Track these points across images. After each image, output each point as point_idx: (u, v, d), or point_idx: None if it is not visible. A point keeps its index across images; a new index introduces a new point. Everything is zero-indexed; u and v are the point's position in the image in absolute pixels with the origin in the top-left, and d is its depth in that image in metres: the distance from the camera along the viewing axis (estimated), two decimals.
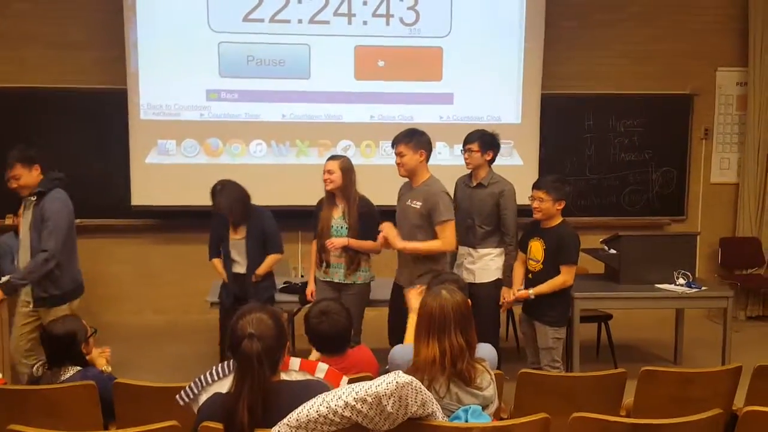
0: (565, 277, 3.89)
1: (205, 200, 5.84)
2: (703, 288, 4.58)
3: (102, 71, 5.85)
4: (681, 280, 4.59)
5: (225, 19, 5.73)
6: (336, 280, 4.14)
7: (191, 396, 2.11)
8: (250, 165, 5.83)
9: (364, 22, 5.83)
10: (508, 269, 4.17)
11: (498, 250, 4.20)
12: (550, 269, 3.91)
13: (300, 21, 5.79)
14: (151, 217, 5.99)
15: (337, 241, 4.06)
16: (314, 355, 2.78)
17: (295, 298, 4.45)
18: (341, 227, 4.10)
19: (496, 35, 5.93)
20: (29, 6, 5.84)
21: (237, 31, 5.75)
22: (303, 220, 4.91)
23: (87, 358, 2.85)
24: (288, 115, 5.85)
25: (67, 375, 2.74)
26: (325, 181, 4.09)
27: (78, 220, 4.07)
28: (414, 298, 3.60)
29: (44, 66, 5.87)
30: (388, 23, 5.84)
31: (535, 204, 3.90)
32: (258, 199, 5.63)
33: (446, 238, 3.82)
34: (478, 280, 4.17)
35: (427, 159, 3.94)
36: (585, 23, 6.26)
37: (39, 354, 3.32)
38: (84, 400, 2.57)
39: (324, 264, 4.16)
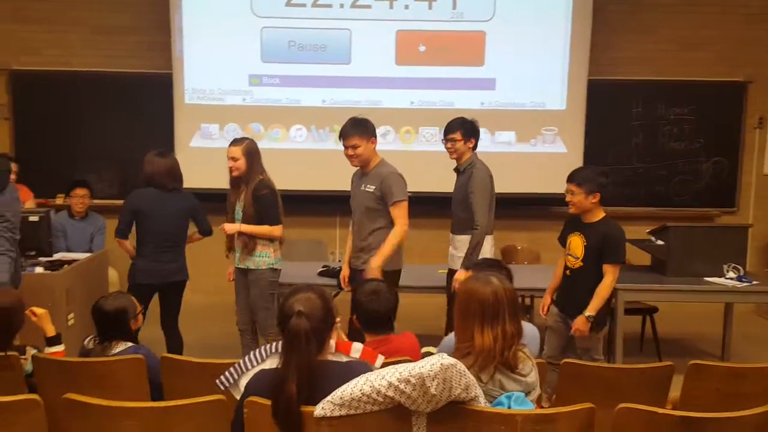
0: (611, 278, 3.63)
1: None
2: (755, 282, 4.41)
3: (148, 56, 5.93)
4: (731, 274, 4.43)
5: (268, 5, 5.74)
6: (241, 266, 4.04)
7: (231, 381, 2.14)
8: (290, 150, 5.84)
9: (406, 7, 5.77)
10: (470, 252, 3.85)
11: (467, 237, 3.96)
12: (590, 268, 3.65)
13: (342, 6, 5.75)
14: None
15: (228, 227, 3.98)
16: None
17: (334, 282, 4.44)
18: (239, 213, 3.98)
19: (541, 19, 5.81)
20: None
21: (279, 16, 5.75)
22: (341, 204, 4.89)
23: None
24: (328, 100, 5.84)
25: (117, 349, 2.79)
26: (230, 168, 3.95)
27: (123, 201, 4.11)
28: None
29: (91, 50, 5.97)
30: (430, 7, 5.77)
31: (568, 197, 3.69)
32: (297, 183, 5.69)
33: (400, 218, 3.78)
34: (455, 267, 4.01)
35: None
36: (634, 7, 6.09)
37: None
38: (133, 374, 2.62)
39: (232, 251, 4.10)
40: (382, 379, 1.85)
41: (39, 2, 5.93)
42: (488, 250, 3.98)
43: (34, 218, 4.20)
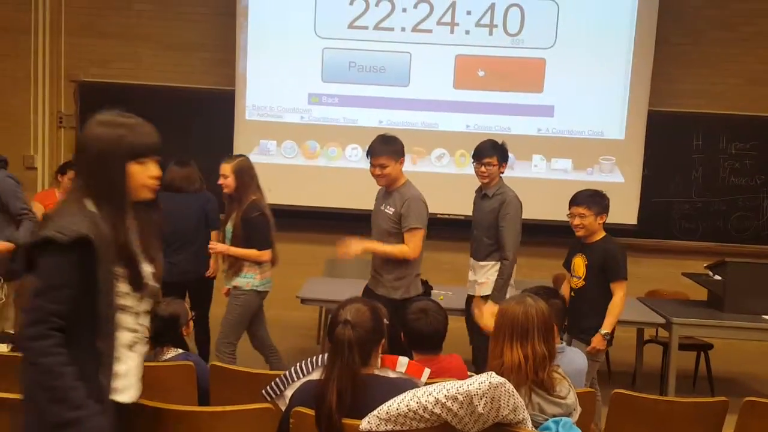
0: (620, 294, 3.60)
1: (301, 200, 6.00)
2: None
3: (213, 72, 6.11)
4: None
5: (331, 26, 5.86)
6: (227, 284, 4.00)
7: (277, 392, 2.17)
8: (345, 168, 5.92)
9: (467, 32, 5.81)
10: (502, 285, 3.78)
11: (494, 264, 3.87)
12: (592, 286, 3.65)
13: (403, 29, 5.83)
14: None
15: (216, 247, 3.96)
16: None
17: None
18: (229, 232, 3.94)
19: (602, 48, 5.78)
20: (149, 7, 6.17)
21: (341, 37, 5.86)
22: None
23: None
24: (385, 121, 5.90)
25: (169, 355, 2.85)
26: (220, 185, 3.92)
27: None
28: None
29: (159, 65, 6.19)
30: (491, 33, 5.80)
31: (576, 221, 3.68)
32: (351, 201, 5.75)
33: (412, 245, 3.62)
34: (474, 293, 3.94)
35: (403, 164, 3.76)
36: (698, 41, 6.01)
37: None
38: (182, 380, 2.67)
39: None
40: (430, 395, 1.84)
41: (111, 18, 6.19)
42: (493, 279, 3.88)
43: None
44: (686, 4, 5.94)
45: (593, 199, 3.69)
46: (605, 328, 3.56)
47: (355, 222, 5.87)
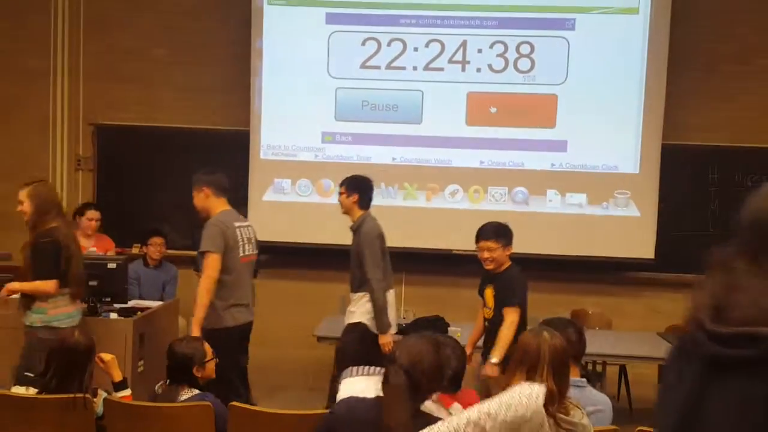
0: (508, 320, 3.65)
1: (317, 238, 6.01)
2: None
3: (228, 113, 6.19)
4: None
5: (344, 67, 5.94)
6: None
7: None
8: None
9: (478, 69, 5.87)
10: (378, 312, 4.00)
11: (362, 295, 4.09)
12: (498, 313, 3.76)
13: (415, 68, 5.90)
14: (264, 252, 6.16)
15: (10, 286, 3.66)
16: None
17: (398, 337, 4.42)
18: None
19: (614, 83, 5.80)
20: (166, 52, 6.29)
21: (354, 77, 5.93)
22: (408, 261, 4.90)
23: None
24: (398, 158, 5.94)
25: (184, 396, 2.83)
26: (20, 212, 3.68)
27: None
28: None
29: (176, 108, 6.28)
30: (502, 70, 5.85)
31: (486, 255, 3.79)
32: None
33: (204, 268, 3.68)
34: (346, 321, 4.11)
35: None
36: (711, 73, 6.01)
37: None
38: (200, 421, 2.65)
39: None
40: (460, 418, 1.81)
41: (129, 62, 6.30)
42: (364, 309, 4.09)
43: (111, 266, 4.37)
44: (699, 37, 5.96)
45: (499, 232, 3.83)
46: (495, 357, 3.57)
47: None
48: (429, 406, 2.07)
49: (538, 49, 5.81)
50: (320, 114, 5.95)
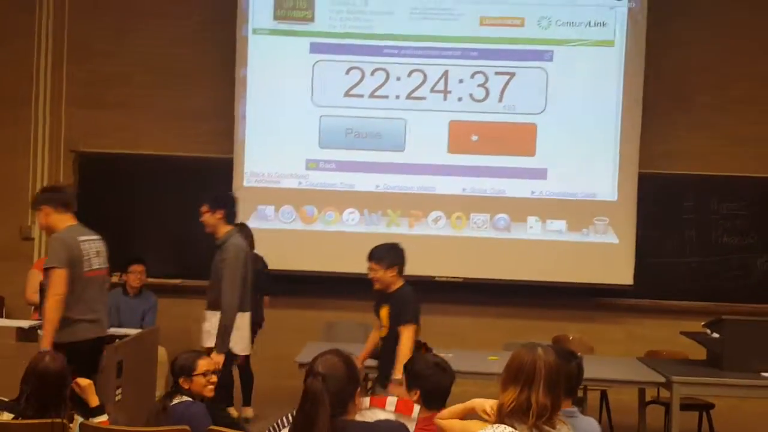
0: (404, 338, 3.78)
1: (299, 265, 6.01)
2: None
3: (211, 140, 6.19)
4: None
5: (327, 95, 6.01)
6: None
7: None
8: (343, 232, 5.97)
9: (459, 99, 5.97)
10: (221, 332, 4.02)
11: (217, 312, 4.09)
12: (392, 332, 3.87)
13: (397, 97, 5.99)
14: None
15: None
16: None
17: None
18: None
19: (592, 112, 5.94)
20: (149, 78, 6.30)
21: (338, 105, 6.00)
22: None
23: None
24: (382, 185, 5.99)
25: (174, 402, 2.90)
26: None
27: (179, 281, 4.27)
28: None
29: (159, 135, 6.27)
30: (482, 100, 5.96)
31: (371, 275, 3.96)
32: (348, 266, 5.78)
33: (50, 285, 3.61)
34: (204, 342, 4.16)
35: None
36: (686, 104, 6.17)
37: None
38: None
39: None
40: None
41: (112, 89, 6.30)
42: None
43: None
44: (673, 68, 6.12)
45: (381, 254, 3.96)
46: (395, 374, 3.65)
47: (352, 285, 5.90)
48: (365, 414, 2.13)
49: (517, 79, 5.94)
50: (304, 141, 6.01)
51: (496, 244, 5.93)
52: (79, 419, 2.89)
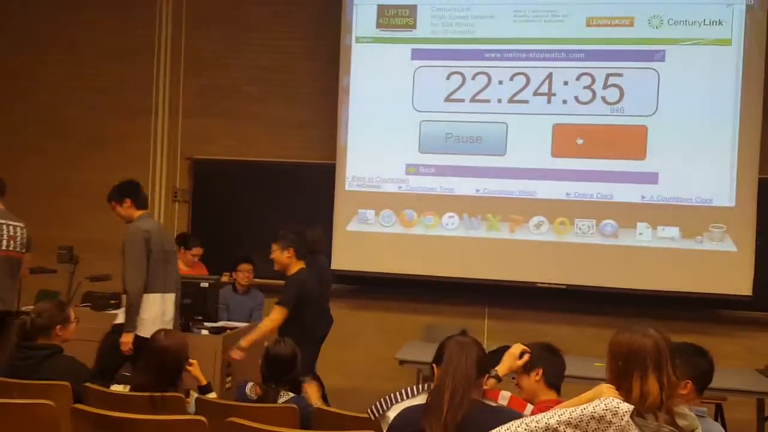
0: (272, 316, 4.12)
1: (399, 268, 6.04)
2: None
3: (315, 147, 6.38)
4: None
5: (428, 100, 6.02)
6: None
7: (381, 412, 2.19)
8: (442, 236, 5.93)
9: (564, 101, 5.82)
10: (128, 309, 3.96)
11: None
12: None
13: (499, 101, 5.92)
14: (348, 282, 6.25)
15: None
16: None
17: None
18: None
19: (707, 114, 5.62)
20: (256, 89, 6.57)
21: (438, 110, 6.00)
22: (491, 294, 4.83)
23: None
24: (482, 189, 5.92)
25: (282, 400, 2.94)
26: None
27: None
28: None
29: (266, 142, 6.52)
30: (589, 102, 5.78)
31: (271, 255, 4.25)
32: (446, 270, 5.76)
33: None
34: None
35: None
36: None
37: None
38: (286, 422, 2.69)
39: None
40: (539, 422, 1.79)
41: (222, 99, 6.62)
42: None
43: (204, 284, 4.55)
44: None
45: (280, 235, 4.29)
46: (244, 342, 4.08)
47: (450, 289, 5.87)
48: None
49: (626, 80, 5.72)
50: (404, 146, 6.04)
51: (603, 251, 5.71)
52: (194, 394, 3.02)
